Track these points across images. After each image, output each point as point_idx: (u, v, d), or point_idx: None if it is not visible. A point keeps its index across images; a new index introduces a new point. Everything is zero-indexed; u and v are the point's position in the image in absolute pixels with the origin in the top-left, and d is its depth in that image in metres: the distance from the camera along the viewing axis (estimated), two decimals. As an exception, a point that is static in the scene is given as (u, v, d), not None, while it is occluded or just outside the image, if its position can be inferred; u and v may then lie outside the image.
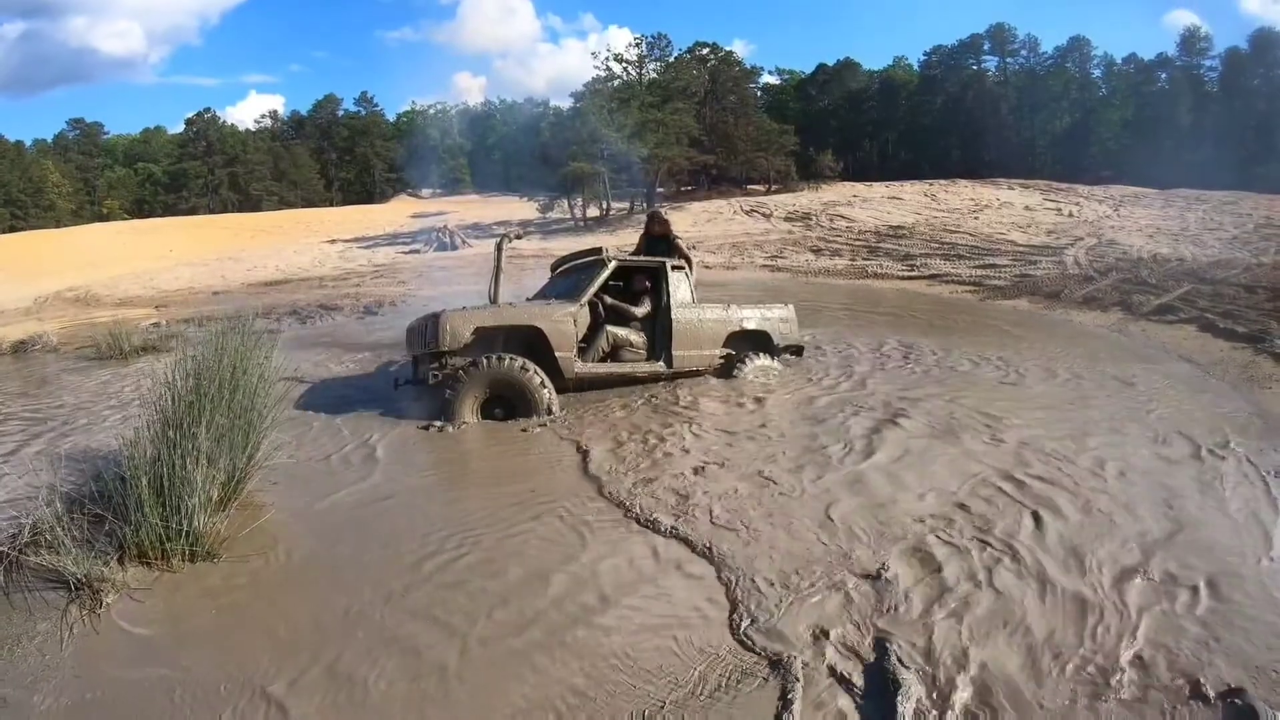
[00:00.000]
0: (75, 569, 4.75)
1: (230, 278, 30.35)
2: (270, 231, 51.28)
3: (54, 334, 16.99)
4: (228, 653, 4.26)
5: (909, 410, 8.13)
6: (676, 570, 5.02)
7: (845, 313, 15.13)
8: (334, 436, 8.11)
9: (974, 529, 5.31)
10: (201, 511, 5.19)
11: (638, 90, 46.41)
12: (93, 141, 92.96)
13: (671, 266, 9.89)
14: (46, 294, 28.97)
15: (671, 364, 9.60)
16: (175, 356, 6.36)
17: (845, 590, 4.63)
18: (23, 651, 4.32)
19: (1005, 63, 73.81)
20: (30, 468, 7.31)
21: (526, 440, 7.81)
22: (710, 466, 6.75)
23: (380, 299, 20.42)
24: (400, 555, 5.27)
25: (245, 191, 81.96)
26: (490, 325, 8.78)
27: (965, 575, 4.74)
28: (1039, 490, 5.92)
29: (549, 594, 4.73)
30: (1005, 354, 11.21)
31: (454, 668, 4.08)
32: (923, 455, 6.76)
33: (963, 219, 29.55)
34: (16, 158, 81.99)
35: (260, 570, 5.14)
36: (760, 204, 38.41)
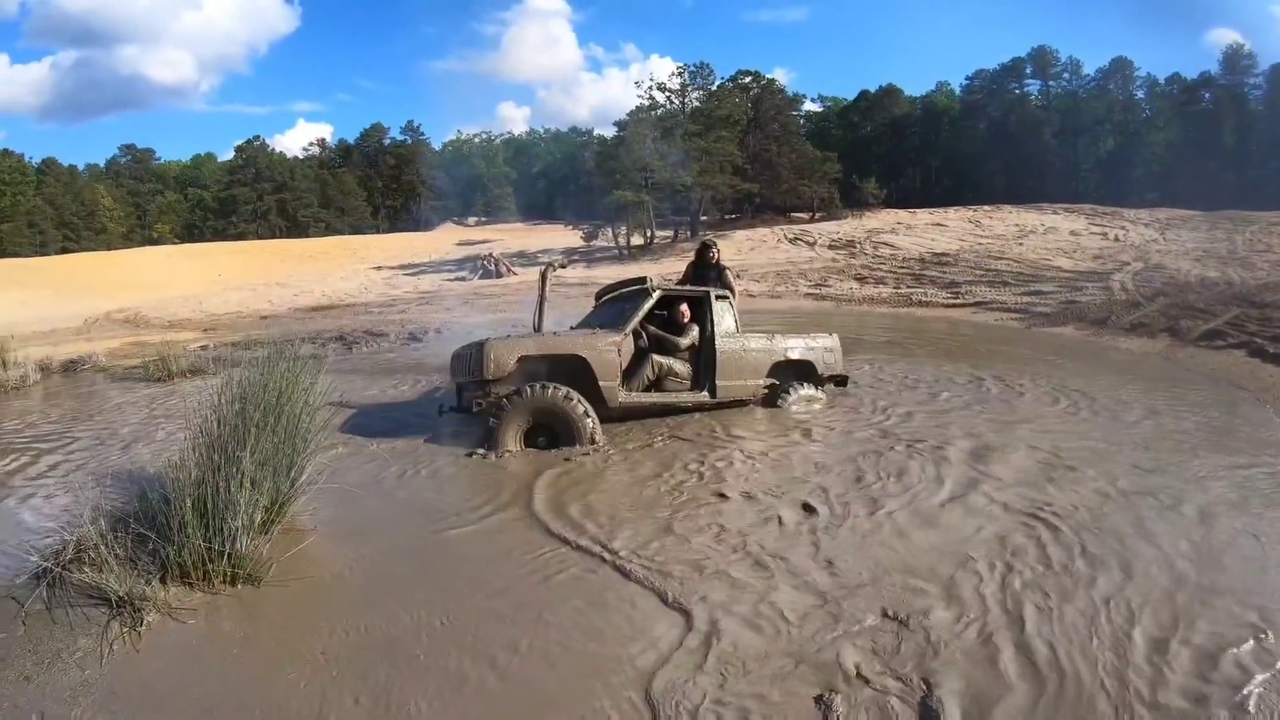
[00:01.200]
0: (118, 587, 4.77)
1: (278, 302, 30.66)
2: (317, 257, 51.88)
3: (102, 354, 17.27)
4: (267, 676, 4.25)
5: (953, 444, 7.97)
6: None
7: (890, 343, 14.94)
8: (378, 462, 8.11)
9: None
10: (244, 534, 5.21)
11: (681, 119, 46.46)
12: (144, 167, 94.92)
13: (715, 296, 9.84)
14: (97, 314, 29.42)
15: (716, 394, 9.49)
16: (221, 380, 6.38)
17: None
18: (63, 666, 4.34)
19: (1047, 86, 73.47)
20: (76, 486, 7.45)
21: (569, 469, 7.73)
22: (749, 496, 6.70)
23: (425, 326, 20.51)
24: (443, 584, 5.25)
25: (293, 218, 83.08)
26: (534, 354, 8.74)
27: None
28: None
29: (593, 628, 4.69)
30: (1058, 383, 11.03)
31: (496, 696, 4.06)
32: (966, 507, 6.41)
33: (1007, 245, 29.30)
34: (70, 182, 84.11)
35: (302, 595, 5.14)
36: (804, 232, 38.34)
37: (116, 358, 17.44)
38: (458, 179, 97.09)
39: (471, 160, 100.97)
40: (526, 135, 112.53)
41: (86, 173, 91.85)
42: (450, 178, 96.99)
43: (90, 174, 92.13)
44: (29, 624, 4.72)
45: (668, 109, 48.80)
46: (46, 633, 4.63)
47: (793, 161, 49.00)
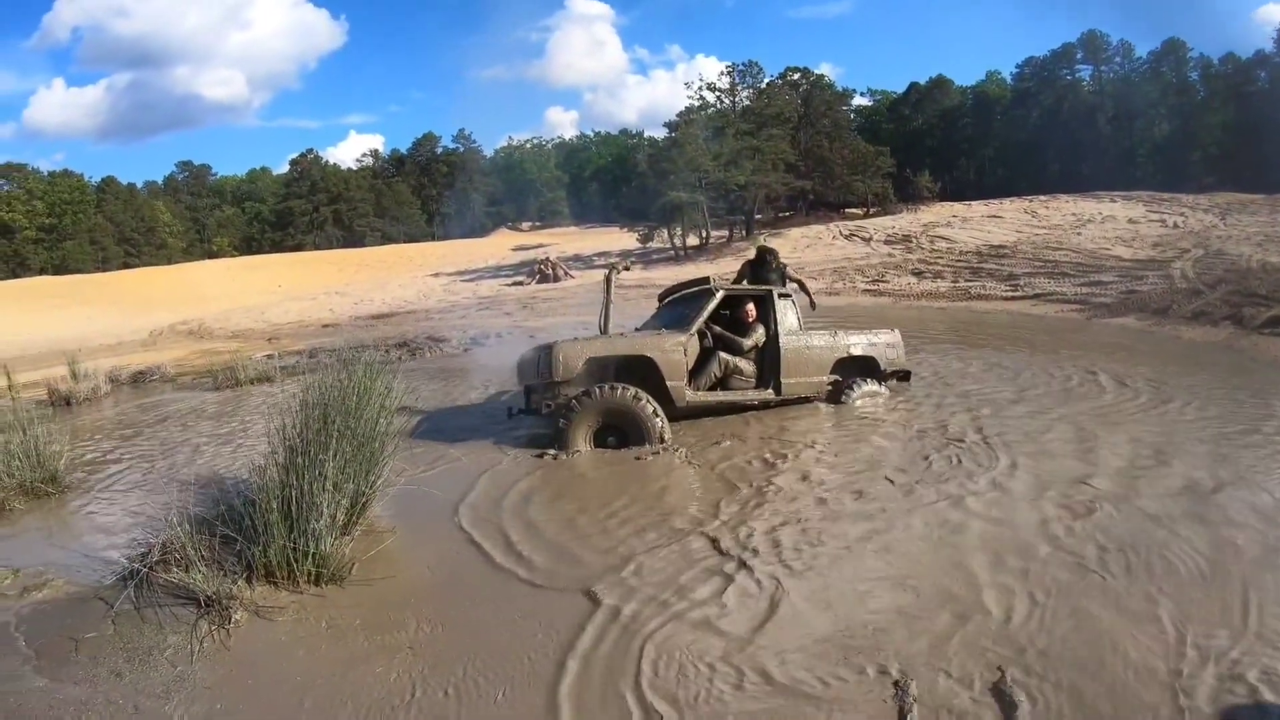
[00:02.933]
0: (206, 586, 4.87)
1: (338, 311, 31.05)
2: (374, 266, 52.40)
3: (170, 365, 17.58)
4: (357, 670, 4.32)
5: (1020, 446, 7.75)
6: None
7: (951, 337, 14.75)
8: (451, 464, 8.21)
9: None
10: (328, 534, 5.29)
11: (732, 118, 46.27)
12: (201, 182, 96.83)
13: (778, 294, 9.84)
14: (161, 327, 29.98)
15: (781, 391, 9.50)
16: (300, 385, 6.49)
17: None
18: (154, 663, 4.44)
19: (1099, 71, 71.91)
20: (156, 491, 7.63)
21: (642, 468, 7.77)
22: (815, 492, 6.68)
23: (487, 331, 20.74)
24: (522, 591, 5.24)
25: (349, 227, 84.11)
26: (602, 355, 8.78)
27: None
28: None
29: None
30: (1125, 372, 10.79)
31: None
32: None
33: (1065, 235, 28.83)
34: (129, 199, 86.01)
35: (385, 593, 5.20)
36: (859, 227, 38.02)
37: (184, 368, 17.77)
38: (510, 185, 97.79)
39: (523, 165, 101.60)
40: (576, 139, 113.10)
41: (145, 190, 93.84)
42: (503, 184, 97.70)
43: (149, 191, 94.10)
44: (118, 623, 4.82)
45: (718, 108, 48.62)
46: (136, 631, 4.73)
47: (845, 157, 48.55)
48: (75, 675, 4.35)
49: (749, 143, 42.28)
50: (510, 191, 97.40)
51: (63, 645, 4.64)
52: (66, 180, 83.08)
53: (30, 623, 4.96)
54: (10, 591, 5.49)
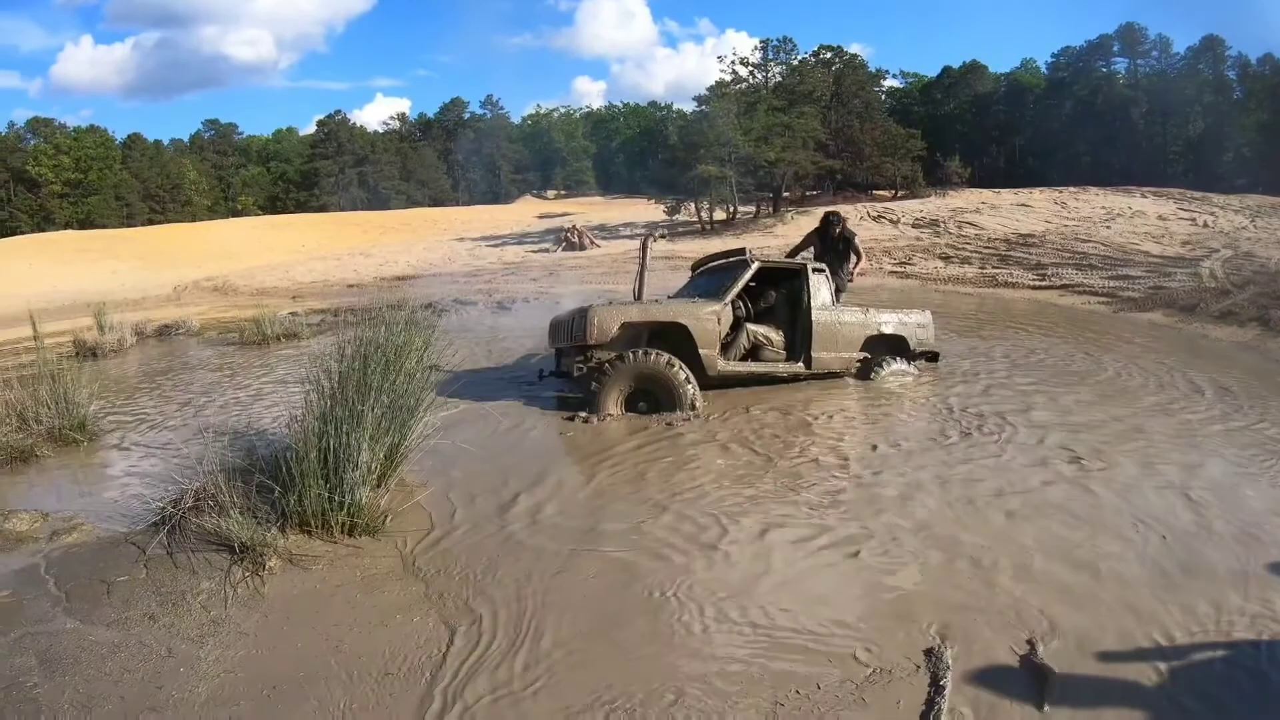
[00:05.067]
0: (240, 533, 4.86)
1: (363, 272, 30.98)
2: (399, 229, 52.31)
3: (195, 319, 17.61)
4: (391, 618, 4.33)
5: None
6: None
7: (978, 322, 14.64)
8: (484, 422, 8.22)
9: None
10: (363, 486, 5.28)
11: (763, 94, 45.85)
12: (227, 141, 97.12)
13: (813, 269, 9.79)
14: (186, 283, 30.00)
15: (811, 365, 9.48)
16: (335, 339, 6.49)
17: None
18: (188, 607, 4.44)
19: (1135, 65, 70.68)
20: (187, 440, 7.62)
21: (673, 434, 7.76)
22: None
23: (513, 295, 20.69)
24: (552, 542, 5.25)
25: (374, 190, 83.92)
26: (637, 321, 8.77)
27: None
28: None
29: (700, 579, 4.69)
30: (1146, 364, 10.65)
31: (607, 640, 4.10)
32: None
33: (1094, 228, 28.49)
34: (155, 156, 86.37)
35: (417, 545, 5.20)
36: (888, 210, 37.66)
37: (209, 323, 17.80)
38: (537, 153, 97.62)
39: (550, 134, 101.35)
40: (604, 109, 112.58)
41: (171, 147, 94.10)
42: (530, 151, 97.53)
43: (175, 148, 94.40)
44: (150, 568, 4.83)
45: (750, 83, 48.13)
46: (169, 575, 4.74)
47: (876, 138, 48.05)
48: (107, 618, 4.34)
49: (780, 119, 41.87)
50: (537, 159, 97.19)
51: (94, 588, 4.64)
52: (93, 136, 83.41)
53: (60, 566, 4.96)
54: (40, 535, 5.51)
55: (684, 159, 39.62)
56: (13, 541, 5.41)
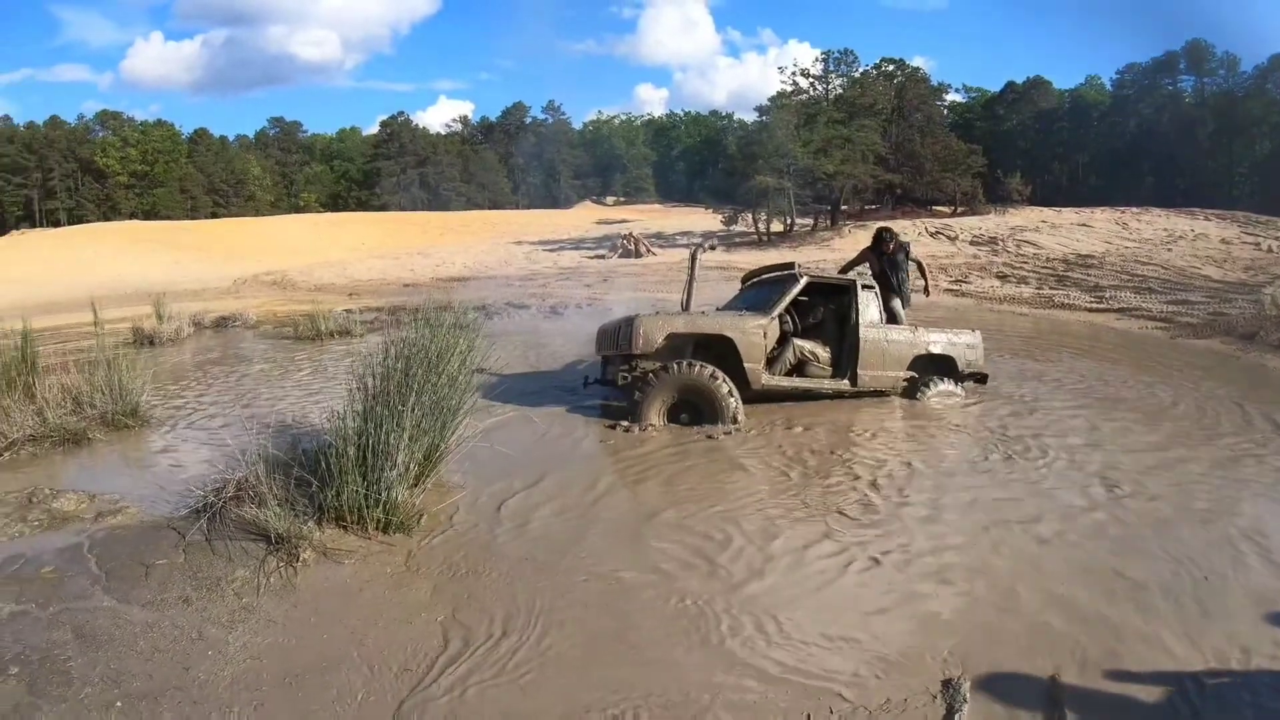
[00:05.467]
0: (277, 524, 4.96)
1: (419, 271, 31.34)
2: (458, 230, 52.77)
3: (253, 313, 17.91)
4: (416, 616, 4.41)
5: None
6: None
7: (1032, 344, 14.34)
8: (526, 427, 8.30)
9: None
10: (400, 484, 5.36)
11: (824, 105, 45.61)
12: (291, 139, 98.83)
13: (862, 285, 9.69)
14: (245, 276, 30.56)
15: (856, 382, 9.37)
16: (383, 338, 6.60)
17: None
18: (222, 593, 4.56)
19: (1202, 83, 69.09)
20: (235, 430, 7.71)
21: (712, 447, 7.74)
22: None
23: (566, 300, 20.76)
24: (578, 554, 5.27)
25: (435, 191, 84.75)
26: (683, 332, 8.79)
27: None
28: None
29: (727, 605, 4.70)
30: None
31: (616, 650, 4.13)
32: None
33: (1154, 250, 28.01)
34: (220, 151, 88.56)
35: (450, 545, 5.27)
36: (946, 226, 37.31)
37: (265, 316, 18.08)
38: (597, 159, 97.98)
39: (611, 140, 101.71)
40: (665, 117, 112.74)
41: (236, 143, 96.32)
42: (590, 157, 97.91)
43: (240, 144, 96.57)
44: (189, 553, 4.94)
45: (811, 95, 47.88)
46: (206, 561, 4.85)
47: (936, 153, 47.65)
48: (143, 598, 4.47)
49: (840, 132, 41.74)
50: (597, 165, 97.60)
51: (133, 569, 4.76)
52: (160, 130, 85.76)
53: (103, 546, 5.08)
54: (86, 515, 5.66)
55: (742, 169, 39.57)
56: (59, 520, 5.58)
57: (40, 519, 5.59)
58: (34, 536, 5.33)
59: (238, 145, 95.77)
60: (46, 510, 5.71)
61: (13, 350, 8.38)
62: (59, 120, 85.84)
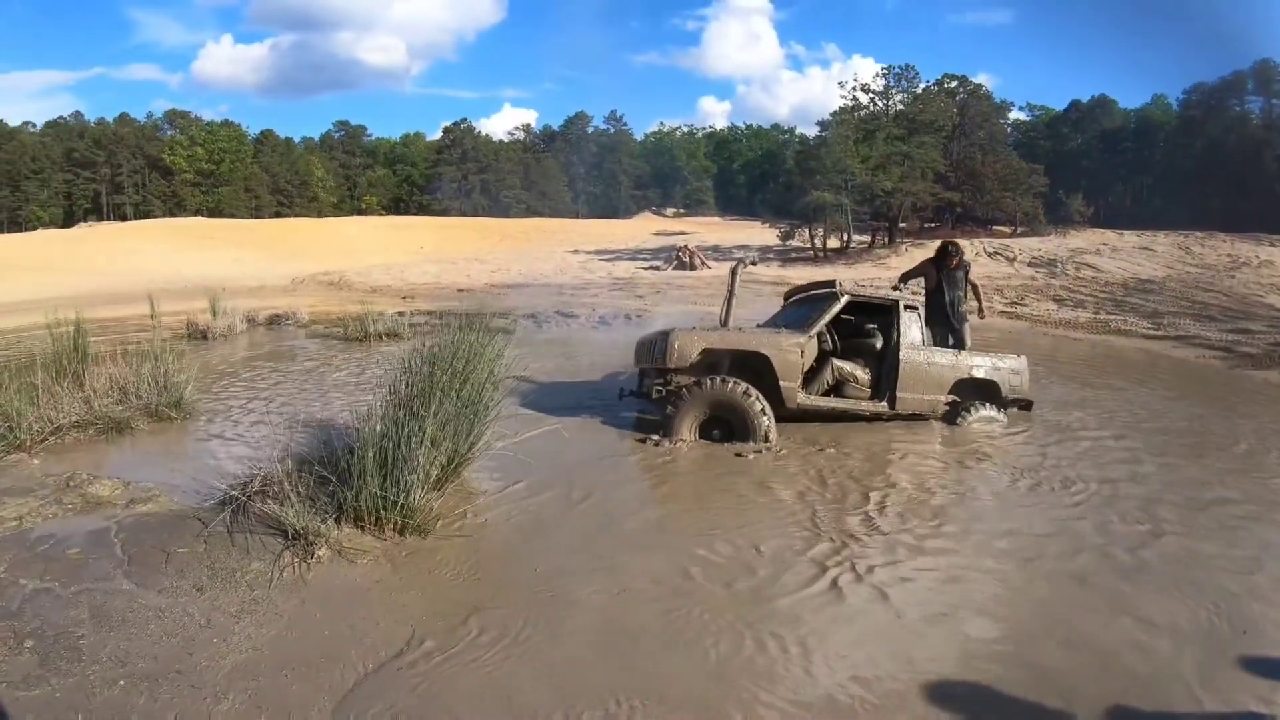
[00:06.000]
0: (295, 520, 5.10)
1: (474, 277, 31.57)
2: (516, 237, 53.21)
3: (305, 312, 18.20)
4: (423, 621, 4.47)
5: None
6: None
7: (1085, 370, 14.00)
8: (555, 437, 8.26)
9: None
10: (418, 487, 5.46)
11: (883, 121, 45.17)
12: (356, 142, 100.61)
13: (905, 305, 9.52)
14: (304, 276, 30.98)
15: (895, 405, 9.22)
16: (413, 345, 6.79)
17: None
18: (235, 583, 4.71)
19: (1270, 104, 66.56)
20: (272, 427, 7.98)
21: (741, 465, 7.71)
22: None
23: (616, 311, 20.79)
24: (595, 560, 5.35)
25: (495, 197, 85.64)
26: (718, 347, 8.76)
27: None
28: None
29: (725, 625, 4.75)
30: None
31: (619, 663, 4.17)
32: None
33: (1218, 277, 27.36)
34: (285, 152, 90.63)
35: (464, 551, 5.37)
36: (1004, 246, 36.83)
37: (318, 316, 18.36)
38: (658, 170, 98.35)
39: (672, 152, 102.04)
40: (727, 131, 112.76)
41: (301, 145, 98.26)
42: (650, 168, 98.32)
43: (305, 146, 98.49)
44: (209, 543, 5.08)
45: (871, 110, 47.41)
46: (224, 553, 4.99)
47: (997, 172, 47.07)
48: (160, 584, 4.62)
49: (899, 148, 41.41)
50: (657, 176, 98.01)
51: (155, 556, 4.91)
52: (226, 130, 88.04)
53: (130, 532, 5.23)
54: (118, 501, 5.84)
55: (799, 184, 39.45)
56: (92, 504, 5.76)
57: (75, 502, 5.77)
58: (66, 519, 5.51)
59: (303, 147, 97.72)
60: (82, 494, 5.90)
61: (65, 340, 8.61)
62: (128, 118, 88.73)
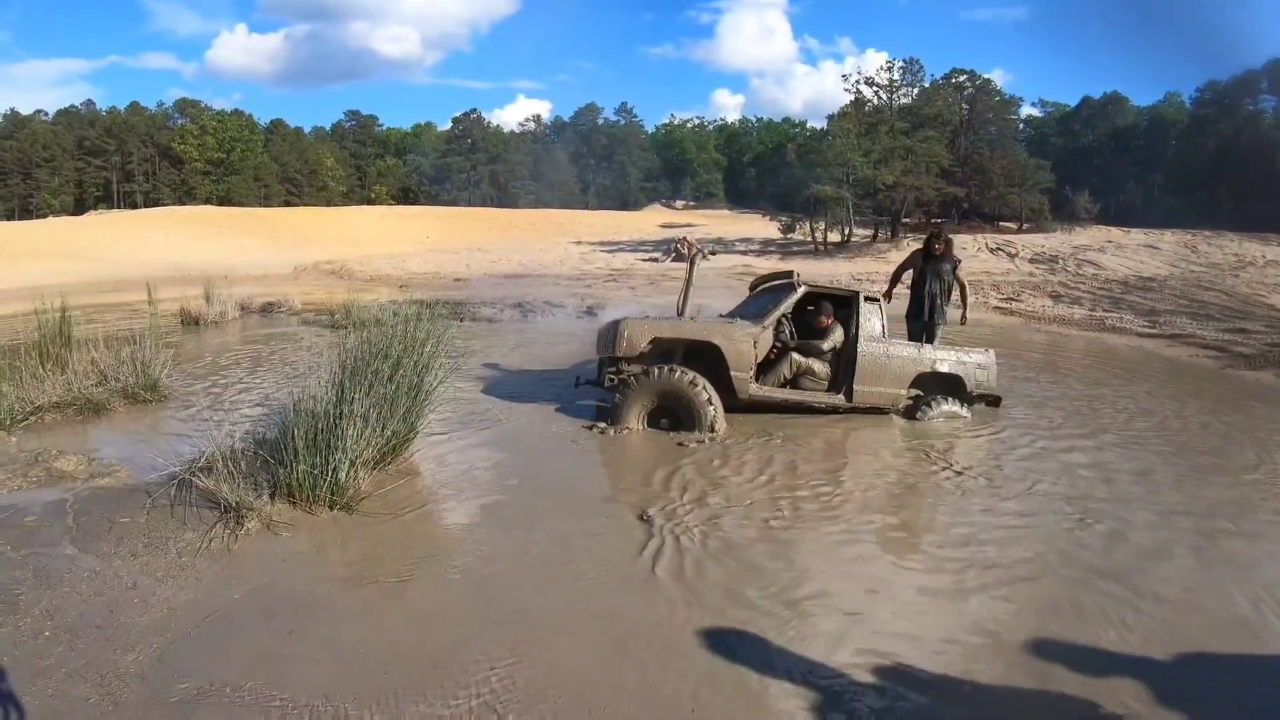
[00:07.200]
0: (229, 495, 5.43)
1: (474, 267, 31.86)
2: (523, 228, 53.40)
3: (298, 299, 18.57)
4: (338, 591, 4.80)
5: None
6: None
7: (1067, 367, 13.87)
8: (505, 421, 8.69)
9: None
10: (347, 466, 5.80)
11: (887, 115, 45.00)
12: (367, 132, 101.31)
13: (865, 297, 9.51)
14: (306, 264, 31.45)
15: (851, 398, 9.19)
16: (358, 334, 7.15)
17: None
18: (165, 551, 5.06)
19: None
20: (239, 408, 8.66)
21: (682, 455, 7.77)
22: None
23: (604, 301, 21.06)
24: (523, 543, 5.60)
25: (504, 188, 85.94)
26: (668, 337, 8.83)
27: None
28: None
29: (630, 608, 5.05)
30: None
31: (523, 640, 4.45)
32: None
33: (1220, 276, 27.30)
34: (295, 141, 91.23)
35: (389, 526, 5.68)
36: (1007, 242, 36.79)
37: (311, 304, 18.72)
38: (668, 162, 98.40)
39: (683, 144, 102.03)
40: (739, 123, 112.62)
41: (313, 134, 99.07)
42: (660, 160, 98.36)
43: (316, 136, 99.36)
44: (151, 514, 5.43)
45: (875, 104, 47.14)
46: (163, 523, 5.34)
47: (1004, 167, 47.07)
48: (100, 550, 4.98)
49: (902, 142, 41.51)
50: (667, 169, 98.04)
51: (100, 525, 5.27)
52: (237, 119, 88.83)
53: (83, 503, 5.59)
54: (80, 475, 6.24)
55: (801, 177, 39.57)
56: (55, 478, 6.16)
57: (39, 476, 6.16)
58: (29, 491, 5.88)
59: (313, 136, 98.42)
60: (47, 469, 6.28)
61: (50, 325, 8.97)
62: (139, 106, 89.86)
